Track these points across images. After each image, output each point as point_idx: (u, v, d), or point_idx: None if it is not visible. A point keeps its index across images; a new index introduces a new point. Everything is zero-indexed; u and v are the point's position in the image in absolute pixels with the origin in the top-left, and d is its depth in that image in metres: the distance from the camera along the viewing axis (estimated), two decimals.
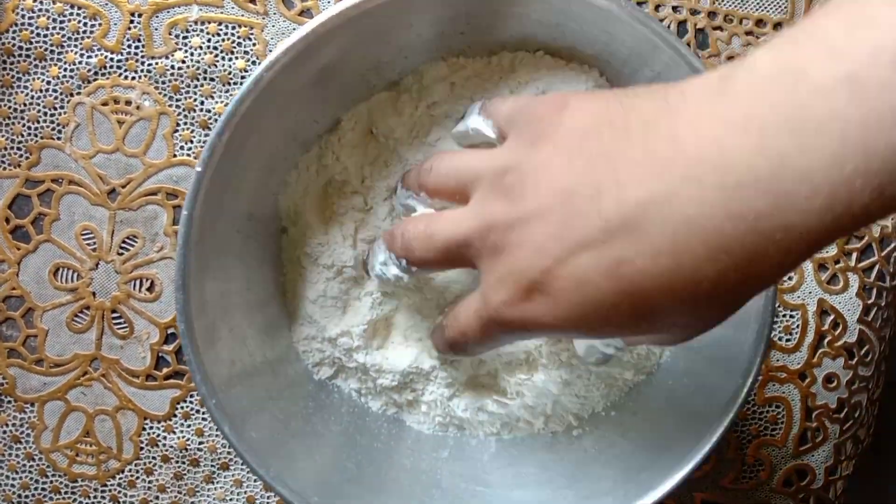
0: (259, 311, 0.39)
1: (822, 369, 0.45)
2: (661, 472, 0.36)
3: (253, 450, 0.35)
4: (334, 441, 0.40)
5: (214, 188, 0.35)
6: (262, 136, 0.36)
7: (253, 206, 0.38)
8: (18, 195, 0.44)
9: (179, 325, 0.34)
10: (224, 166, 0.35)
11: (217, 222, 0.36)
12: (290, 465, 0.36)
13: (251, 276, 0.39)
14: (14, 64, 0.43)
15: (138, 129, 0.44)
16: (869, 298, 0.45)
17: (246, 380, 0.37)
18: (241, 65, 0.44)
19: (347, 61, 0.37)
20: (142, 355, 0.44)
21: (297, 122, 0.38)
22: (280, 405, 0.39)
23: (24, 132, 0.44)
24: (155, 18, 0.43)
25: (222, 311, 0.37)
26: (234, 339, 0.37)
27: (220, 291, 0.37)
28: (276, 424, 0.38)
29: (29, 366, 0.44)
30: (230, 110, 0.34)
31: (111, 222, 0.44)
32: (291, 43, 0.34)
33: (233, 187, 0.36)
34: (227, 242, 0.37)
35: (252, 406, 0.37)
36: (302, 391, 0.40)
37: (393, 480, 0.39)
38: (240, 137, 0.35)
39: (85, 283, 0.44)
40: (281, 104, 0.36)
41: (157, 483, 0.45)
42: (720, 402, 0.36)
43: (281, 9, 0.44)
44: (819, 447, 0.45)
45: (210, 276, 0.36)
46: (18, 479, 0.45)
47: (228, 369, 0.36)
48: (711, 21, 0.44)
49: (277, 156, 0.39)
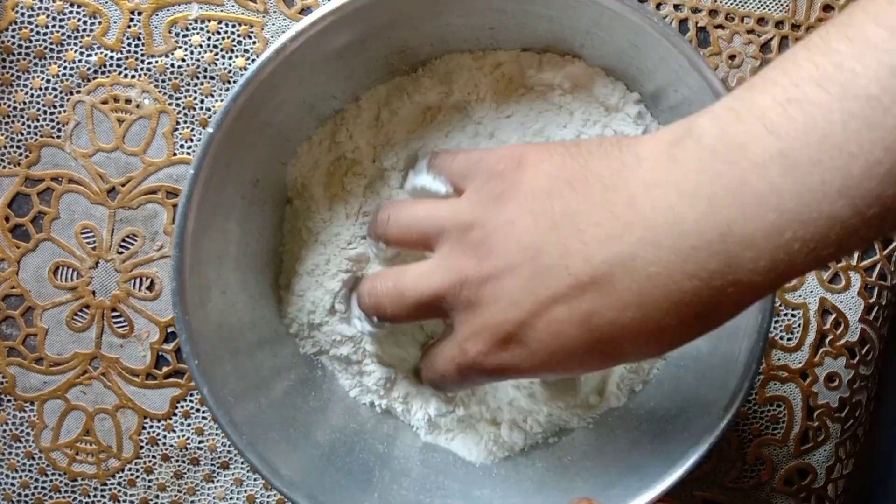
0: (253, 278, 0.39)
1: (823, 368, 0.45)
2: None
3: (228, 415, 0.35)
4: (310, 416, 0.39)
5: (224, 151, 0.34)
6: (278, 105, 0.36)
7: (260, 173, 0.38)
8: (18, 194, 0.44)
9: (172, 281, 0.34)
10: (236, 130, 0.34)
11: (223, 185, 0.35)
12: (265, 435, 0.36)
13: (249, 242, 0.39)
14: (14, 62, 0.43)
15: (138, 127, 0.44)
16: (870, 297, 0.45)
17: (231, 344, 0.37)
18: (241, 63, 0.44)
19: (374, 41, 0.37)
20: (142, 354, 0.44)
21: (315, 95, 0.38)
22: (262, 374, 0.38)
23: (23, 130, 0.43)
24: (155, 17, 0.43)
25: (216, 273, 0.36)
26: (224, 303, 0.37)
27: (217, 254, 0.36)
28: (256, 393, 0.37)
29: (29, 364, 0.44)
30: (249, 75, 0.34)
31: (111, 221, 0.44)
32: (320, 16, 0.34)
33: (242, 152, 0.36)
34: (230, 206, 0.37)
35: (234, 372, 0.36)
36: (286, 362, 0.40)
37: (361, 462, 0.39)
38: (256, 103, 0.35)
39: (85, 282, 0.44)
40: (301, 74, 0.36)
41: (157, 482, 0.45)
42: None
43: (281, 7, 0.43)
44: (820, 446, 0.45)
45: (208, 237, 0.35)
46: (18, 478, 0.45)
47: (216, 333, 0.36)
48: (713, 19, 0.44)
49: (291, 126, 0.38)
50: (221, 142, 0.34)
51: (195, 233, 0.34)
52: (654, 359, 0.41)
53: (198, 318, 0.35)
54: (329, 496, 0.36)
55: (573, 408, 0.41)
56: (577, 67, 0.39)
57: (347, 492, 0.37)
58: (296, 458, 0.37)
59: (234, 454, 0.45)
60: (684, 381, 0.39)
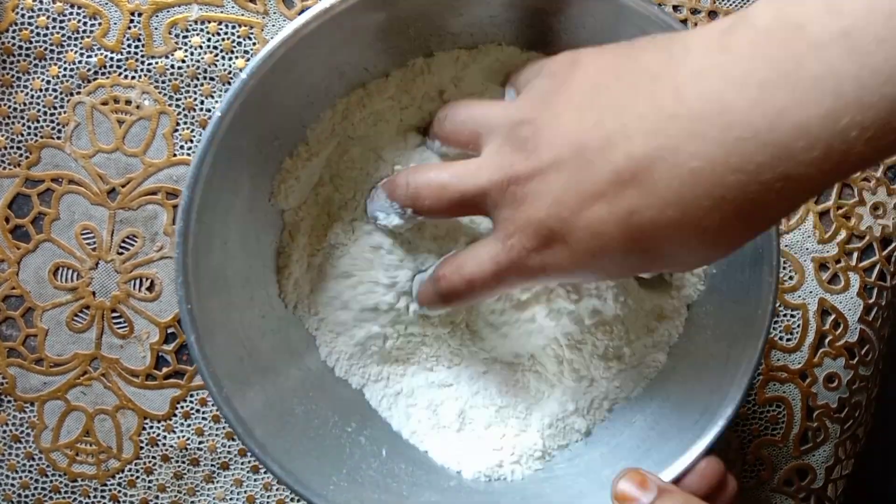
0: (255, 237, 0.39)
1: (822, 369, 0.45)
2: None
3: (212, 366, 0.35)
4: (290, 382, 0.39)
5: (252, 101, 0.34)
6: (311, 66, 0.36)
7: (281, 131, 0.38)
8: (18, 194, 0.44)
9: (178, 223, 0.34)
10: (267, 82, 0.34)
11: (244, 133, 0.35)
12: (243, 394, 0.36)
13: (258, 198, 0.39)
14: (14, 63, 0.43)
15: (138, 128, 0.44)
16: (870, 298, 0.45)
17: (224, 295, 0.37)
18: (241, 64, 0.44)
19: (415, 21, 0.37)
20: (142, 355, 0.44)
21: (348, 63, 0.38)
22: (249, 332, 0.38)
23: (23, 131, 0.44)
24: (155, 18, 0.43)
25: (222, 223, 0.36)
26: (224, 254, 0.37)
27: (225, 207, 0.36)
28: (238, 348, 0.37)
29: (29, 365, 0.44)
30: (293, 30, 0.34)
31: (111, 222, 0.44)
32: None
33: (268, 106, 0.36)
34: (248, 157, 0.37)
35: (221, 322, 0.36)
36: (272, 321, 0.40)
37: (334, 437, 0.39)
38: (291, 59, 0.35)
39: (85, 283, 0.44)
40: (342, 38, 0.36)
41: (157, 483, 0.45)
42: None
43: (281, 8, 0.44)
44: (820, 447, 0.45)
45: (217, 185, 0.35)
46: (18, 479, 0.45)
47: (212, 283, 0.36)
48: (712, 20, 0.44)
49: (320, 90, 0.38)
50: (252, 89, 0.34)
51: (209, 177, 0.34)
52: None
53: (198, 264, 0.35)
54: (298, 464, 0.36)
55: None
56: None
57: (317, 465, 0.37)
58: (272, 420, 0.37)
59: (234, 455, 0.45)
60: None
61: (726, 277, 0.38)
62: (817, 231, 0.45)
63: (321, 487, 0.36)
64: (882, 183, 0.45)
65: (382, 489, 0.38)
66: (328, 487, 0.36)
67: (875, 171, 0.45)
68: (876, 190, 0.45)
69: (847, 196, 0.45)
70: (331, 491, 0.36)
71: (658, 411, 0.40)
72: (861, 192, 0.45)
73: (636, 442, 0.39)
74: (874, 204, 0.45)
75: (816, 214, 0.45)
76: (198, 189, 0.34)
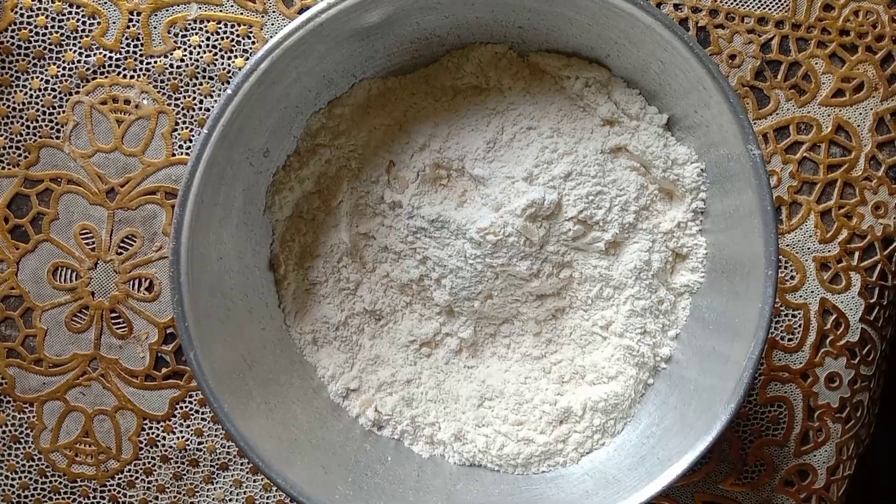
0: (251, 250, 0.39)
1: (824, 369, 0.45)
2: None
3: (212, 381, 0.35)
4: (292, 392, 0.39)
5: (240, 115, 0.34)
6: (298, 76, 0.36)
7: (271, 143, 0.38)
8: (17, 194, 0.44)
9: (170, 242, 0.34)
10: (254, 96, 0.34)
11: (233, 148, 0.35)
12: (245, 407, 0.36)
13: (252, 211, 0.39)
14: (13, 63, 0.43)
15: (137, 128, 0.43)
16: (871, 297, 0.45)
17: (222, 310, 0.37)
18: (241, 63, 0.43)
19: (402, 24, 0.37)
20: (141, 355, 0.44)
21: (335, 71, 0.38)
22: (249, 345, 0.38)
23: (22, 131, 0.43)
24: (154, 17, 0.43)
25: (216, 238, 0.37)
26: (220, 268, 0.37)
27: (219, 223, 0.36)
28: (239, 362, 0.37)
29: (28, 366, 0.44)
30: (276, 40, 0.34)
31: (110, 222, 0.44)
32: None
33: (255, 120, 0.36)
34: (239, 171, 0.37)
35: (221, 337, 0.37)
36: (272, 333, 0.40)
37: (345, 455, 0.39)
38: (278, 70, 0.35)
39: (84, 283, 0.44)
40: (328, 47, 0.36)
41: (156, 483, 0.45)
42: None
43: (280, 7, 0.43)
44: (821, 447, 0.45)
45: (208, 201, 0.35)
46: (18, 480, 0.45)
47: (210, 299, 0.36)
48: (713, 19, 0.44)
49: (308, 99, 0.38)
50: (239, 104, 0.34)
51: (198, 194, 0.34)
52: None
53: (194, 280, 0.35)
54: (302, 476, 0.36)
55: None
56: (601, 74, 0.39)
57: (322, 475, 0.37)
58: (274, 432, 0.37)
59: (233, 455, 0.45)
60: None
61: (727, 277, 0.38)
62: (818, 230, 0.45)
63: (326, 498, 0.36)
64: (883, 182, 0.45)
65: (389, 496, 0.38)
66: (333, 497, 0.36)
67: (877, 170, 0.45)
68: (877, 189, 0.45)
69: (848, 195, 0.45)
70: (336, 501, 0.36)
71: (660, 411, 0.40)
72: (862, 192, 0.45)
73: (640, 440, 0.39)
74: (875, 203, 0.45)
75: (818, 214, 0.45)
76: (188, 206, 0.34)
